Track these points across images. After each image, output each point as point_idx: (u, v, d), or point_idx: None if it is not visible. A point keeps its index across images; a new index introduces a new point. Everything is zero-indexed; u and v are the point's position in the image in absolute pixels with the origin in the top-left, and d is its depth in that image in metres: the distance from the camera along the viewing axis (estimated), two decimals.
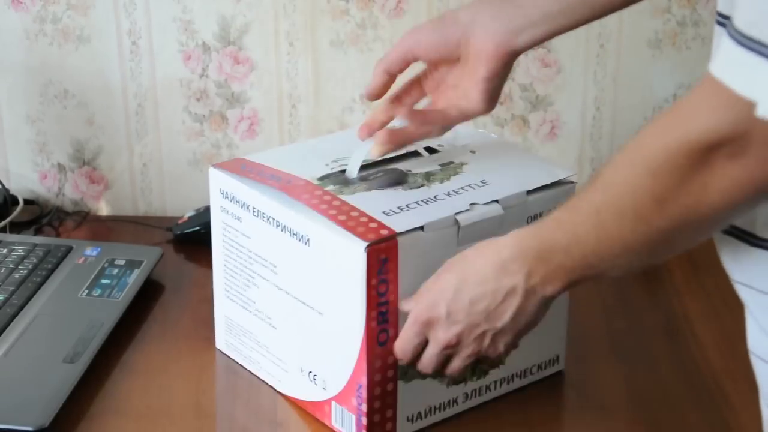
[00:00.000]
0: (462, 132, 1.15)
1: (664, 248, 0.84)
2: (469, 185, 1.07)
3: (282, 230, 1.05)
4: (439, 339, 0.96)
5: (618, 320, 1.27)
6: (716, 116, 0.74)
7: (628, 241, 0.83)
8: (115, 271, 1.30)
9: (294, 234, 1.03)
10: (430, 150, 1.14)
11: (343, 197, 1.04)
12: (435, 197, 1.04)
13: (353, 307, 0.99)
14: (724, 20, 0.81)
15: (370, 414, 1.02)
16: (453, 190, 1.06)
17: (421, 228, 1.00)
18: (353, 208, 1.02)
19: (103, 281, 1.27)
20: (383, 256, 0.98)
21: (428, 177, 1.08)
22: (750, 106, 0.71)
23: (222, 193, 1.12)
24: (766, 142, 0.73)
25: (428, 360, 0.98)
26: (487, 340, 0.95)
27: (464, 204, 1.03)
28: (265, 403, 1.12)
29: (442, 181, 1.07)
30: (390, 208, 1.02)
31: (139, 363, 1.18)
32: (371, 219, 1.00)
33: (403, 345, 0.98)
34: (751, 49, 0.71)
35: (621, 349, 1.22)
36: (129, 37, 1.46)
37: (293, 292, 1.06)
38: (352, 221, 1.00)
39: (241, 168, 1.11)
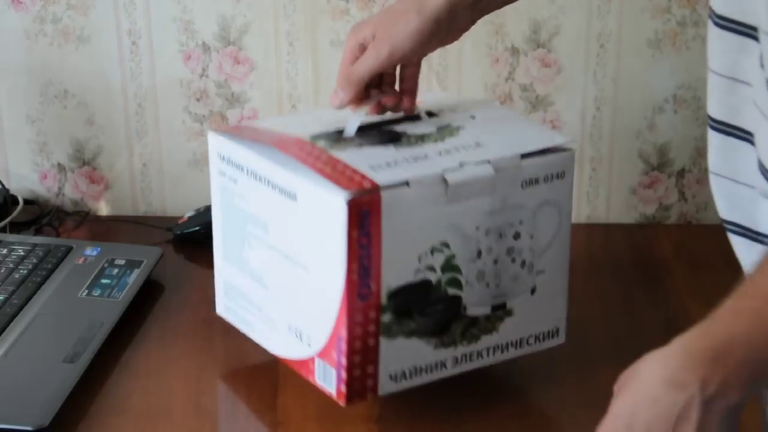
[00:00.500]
0: (466, 100, 1.15)
1: None
2: (463, 146, 1.06)
3: (272, 188, 1.06)
4: None
5: (618, 320, 1.27)
6: None
7: None
8: (115, 271, 1.30)
9: (282, 191, 1.04)
10: (431, 114, 1.14)
11: (332, 152, 1.04)
12: (426, 155, 1.04)
13: (335, 259, 1.00)
14: (722, 22, 0.80)
15: (350, 368, 1.02)
16: (445, 150, 1.05)
17: (407, 183, 1.00)
18: (339, 162, 1.02)
19: (103, 281, 1.27)
20: (365, 209, 0.98)
21: (423, 138, 1.08)
22: None
23: (220, 157, 1.12)
24: None
25: None
26: None
27: (454, 163, 1.03)
28: (264, 403, 1.12)
29: (435, 142, 1.07)
30: (378, 163, 1.02)
31: (139, 363, 1.18)
32: (356, 172, 1.00)
33: None
34: None
35: (621, 349, 1.22)
36: (129, 37, 1.46)
37: (282, 249, 1.07)
38: (336, 174, 1.00)
39: (238, 131, 1.12)
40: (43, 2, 1.45)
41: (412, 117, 1.13)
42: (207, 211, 1.42)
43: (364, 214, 0.98)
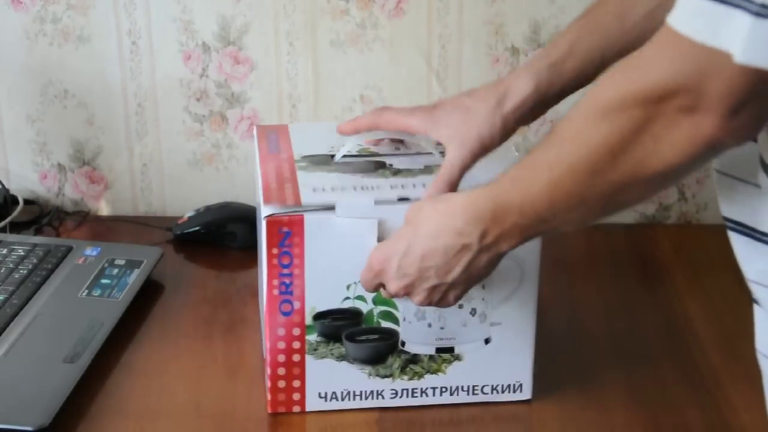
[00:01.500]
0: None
1: (615, 202, 0.84)
2: (425, 185, 1.05)
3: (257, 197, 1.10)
4: (389, 289, 0.99)
5: (618, 320, 1.27)
6: (673, 66, 0.74)
7: (582, 196, 0.83)
8: (115, 271, 1.30)
9: (258, 202, 1.09)
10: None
11: (299, 172, 1.08)
12: (378, 186, 1.05)
13: (262, 273, 1.06)
14: None
15: (274, 380, 1.07)
16: (402, 185, 1.06)
17: (332, 208, 1.03)
18: (293, 182, 1.06)
19: (103, 281, 1.27)
20: (285, 229, 1.02)
21: (399, 172, 1.09)
22: (708, 57, 0.71)
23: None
24: (720, 98, 0.72)
25: (388, 296, 1.02)
26: (437, 294, 0.97)
27: (393, 196, 1.04)
28: (264, 403, 1.12)
29: (407, 177, 1.08)
30: (323, 187, 1.05)
31: (139, 363, 1.18)
32: (296, 194, 1.04)
33: (363, 284, 1.02)
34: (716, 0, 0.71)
35: (621, 349, 1.22)
36: (129, 37, 1.46)
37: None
38: (278, 192, 1.04)
39: (273, 134, 1.17)
40: (43, 2, 1.45)
41: (422, 153, 1.12)
42: (207, 211, 1.42)
43: (285, 233, 1.02)
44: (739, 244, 0.87)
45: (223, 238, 1.41)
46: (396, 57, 1.45)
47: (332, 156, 1.11)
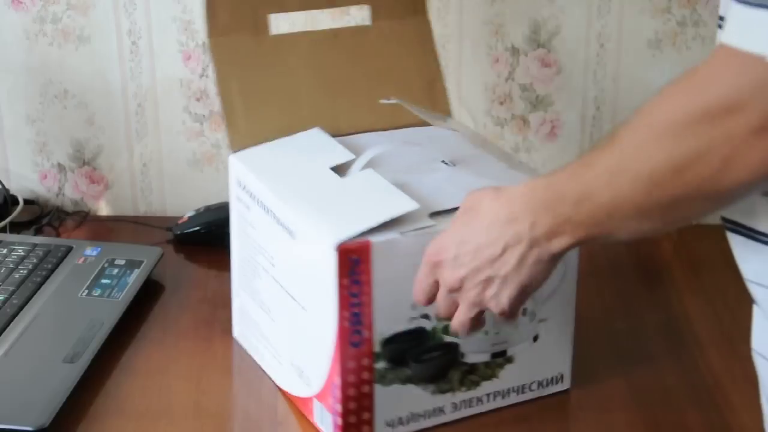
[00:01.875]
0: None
1: (677, 215, 0.82)
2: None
3: (276, 222, 1.05)
4: (445, 280, 0.95)
5: (618, 320, 1.27)
6: (735, 81, 0.72)
7: (641, 205, 0.81)
8: (115, 271, 1.30)
9: (284, 226, 1.04)
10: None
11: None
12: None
13: (327, 305, 0.99)
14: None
15: (345, 415, 1.02)
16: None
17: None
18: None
19: (103, 281, 1.27)
20: (354, 256, 0.98)
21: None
22: (763, 69, 0.70)
23: (237, 182, 1.13)
24: None
25: (440, 303, 0.97)
26: (490, 289, 0.93)
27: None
28: (264, 403, 1.12)
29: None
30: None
31: (139, 363, 1.18)
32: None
33: (417, 286, 0.97)
34: (760, 6, 0.70)
35: (621, 349, 1.22)
36: (129, 37, 1.46)
37: (285, 285, 1.06)
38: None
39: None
40: (43, 2, 1.45)
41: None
42: (207, 211, 1.43)
43: (354, 261, 0.98)
44: (736, 244, 0.87)
45: (223, 238, 1.40)
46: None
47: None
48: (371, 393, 1.03)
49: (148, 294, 1.29)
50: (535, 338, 1.10)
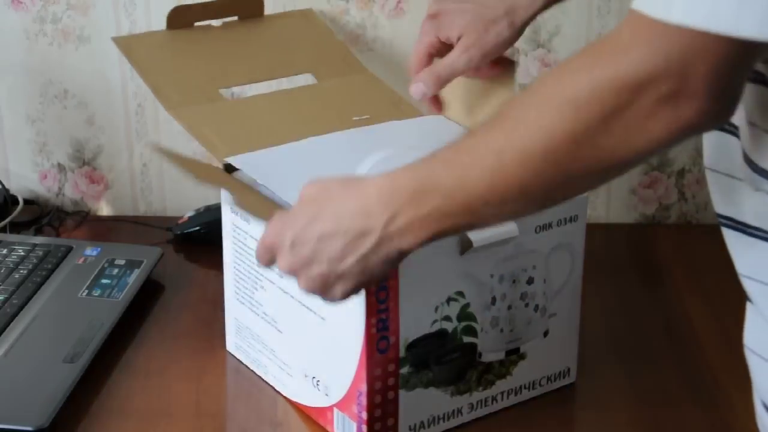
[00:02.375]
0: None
1: (563, 194, 0.80)
2: None
3: None
4: (279, 265, 0.90)
5: (618, 320, 1.27)
6: (652, 51, 0.70)
7: (528, 186, 0.78)
8: (115, 271, 1.29)
9: None
10: None
11: None
12: None
13: (354, 313, 0.99)
14: None
15: (370, 422, 1.02)
16: None
17: None
18: None
19: (103, 281, 1.27)
20: None
21: None
22: (688, 40, 0.69)
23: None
24: (706, 81, 0.70)
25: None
26: (323, 284, 0.88)
27: None
28: (265, 403, 1.12)
29: None
30: None
31: (139, 363, 1.18)
32: None
33: (256, 256, 0.93)
34: None
35: (621, 349, 1.22)
36: None
37: (297, 296, 1.05)
38: None
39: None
40: (43, 2, 1.45)
41: None
42: (207, 211, 1.42)
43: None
44: (730, 238, 0.87)
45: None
46: (396, 57, 1.45)
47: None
48: (396, 399, 1.02)
49: (148, 294, 1.29)
50: (546, 333, 1.10)
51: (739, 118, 0.83)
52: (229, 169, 1.10)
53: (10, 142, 1.52)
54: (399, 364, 1.01)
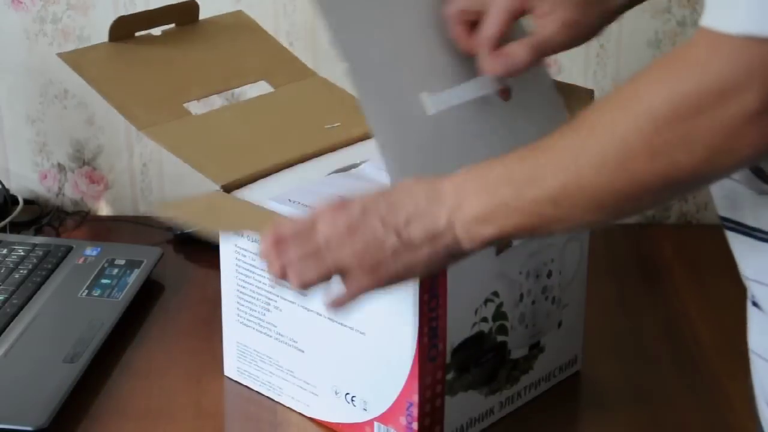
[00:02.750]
0: None
1: (633, 205, 0.78)
2: None
3: None
4: (325, 261, 0.85)
5: (618, 320, 1.27)
6: (731, 62, 0.68)
7: (598, 192, 0.76)
8: (115, 271, 1.30)
9: None
10: None
11: None
12: None
13: (403, 324, 0.97)
14: None
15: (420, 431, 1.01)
16: None
17: None
18: None
19: (103, 281, 1.27)
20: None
21: None
22: (758, 49, 0.67)
23: None
24: None
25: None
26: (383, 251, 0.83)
27: None
28: (265, 403, 1.12)
29: None
30: None
31: (139, 363, 1.18)
32: None
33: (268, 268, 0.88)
34: None
35: (621, 348, 1.22)
36: None
37: (327, 312, 0.98)
38: None
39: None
40: (43, 2, 1.45)
41: None
42: None
43: (434, 275, 0.96)
44: (735, 242, 0.87)
45: None
46: None
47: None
48: (443, 405, 1.02)
49: (148, 294, 1.29)
50: (559, 324, 1.11)
51: None
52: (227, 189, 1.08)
53: (10, 142, 1.52)
54: (445, 370, 1.01)
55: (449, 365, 1.01)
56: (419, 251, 0.83)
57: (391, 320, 0.98)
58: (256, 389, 1.13)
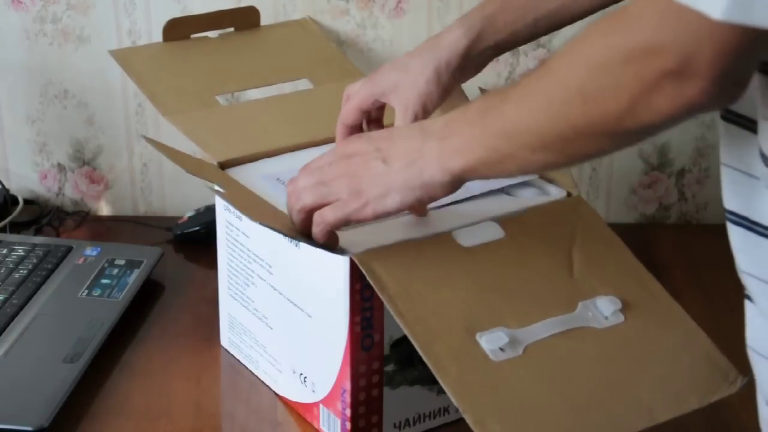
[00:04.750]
0: None
1: (573, 150, 0.83)
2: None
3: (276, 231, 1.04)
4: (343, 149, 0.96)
5: None
6: (659, 25, 0.72)
7: (543, 133, 0.82)
8: (115, 271, 1.30)
9: (285, 235, 1.03)
10: None
11: None
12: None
13: (338, 311, 0.99)
14: None
15: (354, 419, 1.02)
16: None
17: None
18: None
19: (103, 281, 1.27)
20: None
21: None
22: (695, 21, 0.70)
23: None
24: (710, 64, 0.71)
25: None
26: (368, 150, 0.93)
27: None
28: (264, 403, 1.12)
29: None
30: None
31: (139, 363, 1.18)
32: None
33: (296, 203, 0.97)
34: None
35: None
36: (129, 37, 1.46)
37: (285, 292, 1.06)
38: None
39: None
40: (43, 2, 1.45)
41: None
42: (207, 211, 1.43)
43: None
44: (736, 235, 0.87)
45: None
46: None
47: None
48: (380, 396, 1.03)
49: (148, 294, 1.29)
50: None
51: (756, 113, 0.83)
52: (223, 167, 1.12)
53: (10, 142, 1.52)
54: (383, 361, 1.02)
55: (388, 357, 1.02)
56: (397, 175, 0.91)
57: (329, 306, 1.00)
58: (241, 361, 1.17)
